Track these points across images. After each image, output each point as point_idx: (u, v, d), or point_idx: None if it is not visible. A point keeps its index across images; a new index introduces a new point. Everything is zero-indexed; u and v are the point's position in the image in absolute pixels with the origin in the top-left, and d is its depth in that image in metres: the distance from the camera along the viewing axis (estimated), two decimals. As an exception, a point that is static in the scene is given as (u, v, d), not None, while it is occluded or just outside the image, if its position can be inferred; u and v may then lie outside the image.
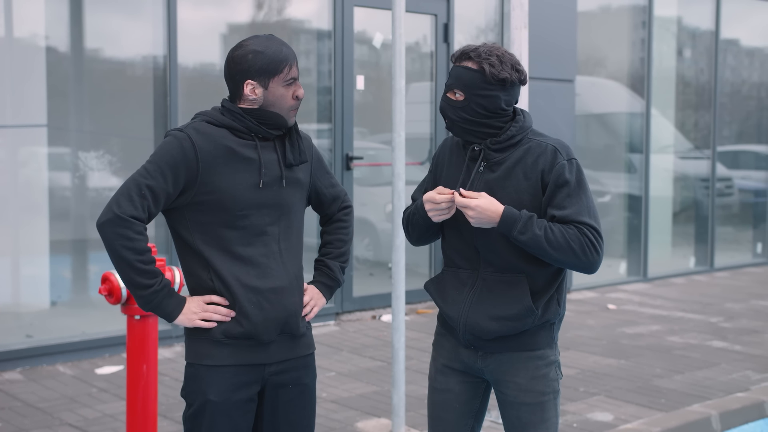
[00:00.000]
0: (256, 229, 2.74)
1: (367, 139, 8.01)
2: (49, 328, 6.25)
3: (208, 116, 2.76)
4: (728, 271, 10.52)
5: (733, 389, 5.67)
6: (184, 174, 2.67)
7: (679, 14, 10.40)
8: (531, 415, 2.85)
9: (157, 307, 2.70)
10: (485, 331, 2.82)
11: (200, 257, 2.73)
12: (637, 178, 9.78)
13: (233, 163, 2.71)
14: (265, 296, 2.73)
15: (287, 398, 2.84)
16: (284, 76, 2.73)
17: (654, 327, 7.42)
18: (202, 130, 2.72)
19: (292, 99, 2.76)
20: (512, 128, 2.80)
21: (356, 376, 5.73)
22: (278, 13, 7.47)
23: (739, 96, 11.28)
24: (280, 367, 2.81)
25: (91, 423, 4.84)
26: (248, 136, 2.75)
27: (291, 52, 2.77)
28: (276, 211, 2.78)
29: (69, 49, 6.55)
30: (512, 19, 4.90)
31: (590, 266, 2.74)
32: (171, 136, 2.72)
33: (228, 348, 2.74)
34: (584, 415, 5.09)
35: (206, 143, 2.69)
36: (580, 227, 2.71)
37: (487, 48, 2.79)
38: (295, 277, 2.82)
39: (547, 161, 2.75)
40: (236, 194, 2.70)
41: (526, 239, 2.70)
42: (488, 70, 2.74)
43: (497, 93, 2.77)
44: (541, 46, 7.97)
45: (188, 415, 2.80)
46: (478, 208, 2.72)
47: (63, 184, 6.50)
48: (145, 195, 2.64)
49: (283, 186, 2.78)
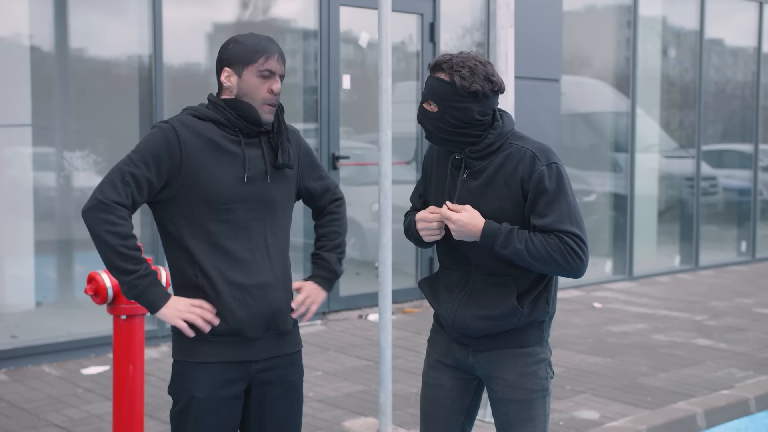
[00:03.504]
0: (241, 224, 2.74)
1: (354, 138, 8.01)
2: (35, 329, 6.22)
3: (195, 110, 2.78)
4: (713, 269, 10.58)
5: (718, 387, 5.70)
6: (167, 165, 2.68)
7: (663, 14, 10.45)
8: (518, 411, 2.87)
9: (141, 295, 2.66)
10: (472, 329, 2.84)
11: (186, 252, 2.73)
12: (622, 177, 9.82)
13: (217, 156, 2.72)
14: (249, 292, 2.73)
15: (274, 396, 2.84)
16: (258, 66, 2.72)
17: (639, 325, 7.45)
18: (187, 122, 2.74)
19: (266, 92, 2.74)
20: (490, 135, 2.78)
21: (343, 376, 5.73)
22: (263, 13, 7.46)
23: (723, 95, 11.34)
24: (266, 365, 2.81)
25: (77, 423, 4.82)
26: (232, 131, 2.75)
27: (273, 47, 2.75)
28: (261, 206, 2.78)
29: (54, 48, 6.52)
30: (498, 18, 4.91)
31: (575, 273, 2.75)
32: (156, 128, 2.74)
33: (214, 345, 2.74)
34: (570, 413, 5.11)
35: (190, 135, 2.71)
36: (560, 236, 2.71)
37: (461, 59, 2.74)
38: (281, 273, 2.82)
39: (526, 168, 2.74)
40: (220, 187, 2.71)
41: (508, 253, 2.71)
42: (459, 83, 2.71)
43: (469, 105, 2.74)
44: (527, 46, 7.99)
45: (174, 412, 2.80)
46: (459, 222, 2.73)
47: (48, 184, 6.47)
48: (129, 182, 2.65)
49: (267, 181, 2.78)
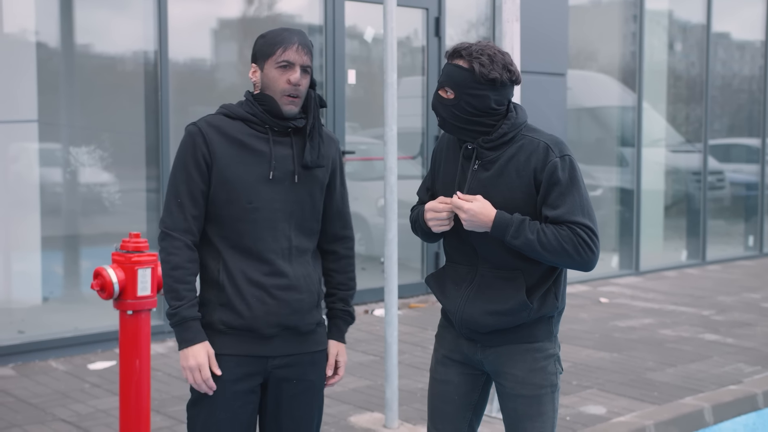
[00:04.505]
0: (267, 224, 2.75)
1: (359, 133, 8.00)
2: (41, 324, 6.23)
3: (227, 109, 2.81)
4: (720, 264, 10.55)
5: (725, 382, 5.68)
6: (204, 166, 2.74)
7: (670, 8, 10.41)
8: (527, 407, 2.85)
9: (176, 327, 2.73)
10: (480, 324, 2.83)
11: (213, 249, 2.78)
12: (628, 171, 9.80)
13: (243, 156, 2.74)
14: (268, 291, 2.74)
15: (291, 393, 2.83)
16: (276, 57, 2.73)
17: (646, 320, 7.43)
18: (215, 122, 2.77)
19: (284, 83, 2.73)
20: (504, 126, 2.78)
21: (349, 371, 5.73)
22: (269, 8, 7.45)
23: (730, 89, 11.30)
24: (284, 361, 2.81)
25: (84, 418, 4.83)
26: (262, 128, 2.76)
27: (294, 37, 2.73)
28: (288, 207, 2.77)
29: (59, 44, 6.52)
30: (503, 13, 4.89)
31: (586, 265, 2.74)
32: (186, 132, 2.79)
33: (230, 338, 2.76)
34: (577, 409, 5.10)
35: (217, 136, 2.74)
36: (572, 227, 2.70)
37: (480, 47, 2.76)
38: (303, 275, 2.80)
39: (539, 159, 2.73)
40: (245, 186, 2.73)
41: (519, 243, 2.70)
42: (478, 70, 2.72)
43: (487, 92, 2.74)
44: (533, 40, 7.97)
45: (190, 402, 2.83)
46: (470, 212, 2.72)
47: (54, 180, 6.47)
48: (182, 202, 2.73)
49: (295, 182, 2.77)
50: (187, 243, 2.72)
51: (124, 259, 3.61)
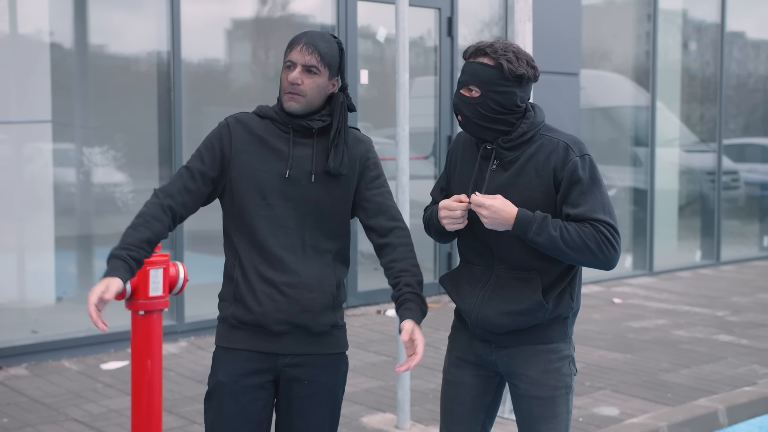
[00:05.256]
0: (280, 221, 2.77)
1: (372, 133, 7.99)
2: (55, 324, 6.25)
3: (261, 108, 2.88)
4: (734, 264, 10.49)
5: (739, 383, 5.65)
6: (219, 156, 2.80)
7: (684, 7, 10.37)
8: (541, 409, 2.84)
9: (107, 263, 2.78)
10: (496, 325, 2.81)
11: (231, 243, 2.84)
12: (642, 171, 9.76)
13: (263, 152, 2.79)
14: (278, 288, 2.75)
15: (302, 394, 2.83)
16: (284, 58, 2.80)
17: (660, 321, 7.40)
18: (244, 119, 2.85)
19: (285, 81, 2.77)
20: (523, 125, 2.77)
21: (361, 371, 5.72)
22: (282, 8, 7.46)
23: (745, 89, 11.24)
24: (294, 360, 2.80)
25: (96, 418, 4.85)
26: (285, 128, 2.81)
27: (302, 38, 2.77)
28: (303, 206, 2.78)
29: (73, 45, 6.55)
30: (516, 12, 4.88)
31: (608, 263, 2.72)
32: (218, 124, 2.88)
33: (241, 332, 2.80)
34: (590, 410, 5.08)
35: (242, 131, 2.81)
36: (595, 224, 2.69)
37: (503, 44, 2.76)
38: (315, 274, 2.79)
39: (559, 158, 2.73)
40: (260, 182, 2.76)
41: (542, 240, 2.68)
42: (506, 66, 2.72)
43: (514, 89, 2.75)
44: (546, 40, 7.95)
45: (205, 395, 2.87)
46: (492, 208, 2.69)
47: (68, 180, 6.50)
48: (182, 173, 2.82)
49: (311, 181, 2.77)
50: (162, 204, 2.77)
51: (136, 259, 3.61)
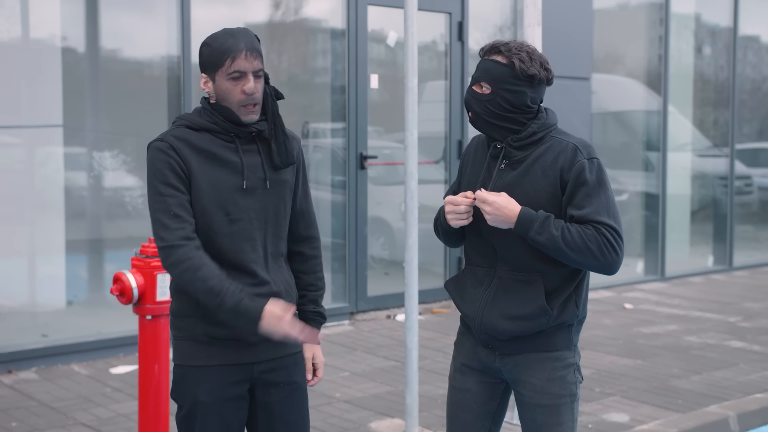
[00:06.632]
0: (245, 234, 2.70)
1: (383, 138, 7.99)
2: (65, 328, 6.27)
3: (188, 120, 2.72)
4: (747, 270, 10.43)
5: (751, 390, 5.61)
6: (184, 177, 2.64)
7: (697, 11, 10.32)
8: (546, 417, 2.82)
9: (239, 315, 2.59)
10: (500, 330, 2.80)
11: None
12: (654, 176, 9.71)
13: (216, 168, 2.67)
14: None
15: (280, 397, 2.80)
16: (226, 69, 2.62)
17: (671, 327, 7.36)
18: (182, 136, 2.68)
19: (239, 94, 2.63)
20: (533, 125, 2.78)
21: (370, 376, 5.71)
22: (293, 13, 7.47)
23: (759, 93, 11.18)
24: (269, 366, 2.78)
25: (104, 423, 4.85)
26: (228, 137, 2.70)
27: (239, 43, 2.62)
28: (262, 215, 2.74)
29: (84, 49, 6.57)
30: (525, 17, 4.87)
31: (609, 267, 2.71)
32: (153, 149, 2.67)
33: (214, 348, 2.71)
34: (600, 416, 5.05)
35: (187, 149, 2.65)
36: (597, 227, 2.68)
37: (518, 44, 2.79)
38: (282, 280, 2.79)
39: (567, 159, 2.73)
40: (222, 198, 2.67)
41: (543, 240, 2.68)
42: (518, 65, 2.73)
43: (524, 89, 2.76)
44: (557, 44, 7.92)
45: (181, 416, 2.77)
46: (495, 204, 2.70)
47: (79, 184, 6.52)
48: (176, 214, 2.61)
49: (267, 188, 2.73)
50: (197, 245, 2.61)
51: (144, 263, 3.62)
